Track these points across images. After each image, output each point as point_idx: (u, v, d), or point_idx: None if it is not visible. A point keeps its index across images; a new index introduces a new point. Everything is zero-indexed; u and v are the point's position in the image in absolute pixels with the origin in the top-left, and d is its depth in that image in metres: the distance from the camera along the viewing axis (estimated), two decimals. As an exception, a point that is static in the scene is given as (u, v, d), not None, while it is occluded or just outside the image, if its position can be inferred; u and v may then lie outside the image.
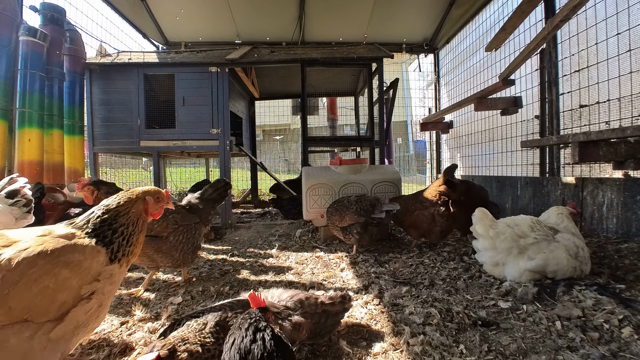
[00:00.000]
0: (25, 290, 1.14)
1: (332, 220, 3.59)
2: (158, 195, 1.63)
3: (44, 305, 1.18)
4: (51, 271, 1.19)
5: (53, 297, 1.19)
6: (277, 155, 13.95)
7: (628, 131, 2.66)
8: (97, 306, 1.35)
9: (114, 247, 1.41)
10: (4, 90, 3.69)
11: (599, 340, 1.65)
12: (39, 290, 1.16)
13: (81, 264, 1.28)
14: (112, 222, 1.43)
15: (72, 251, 1.27)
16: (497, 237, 2.46)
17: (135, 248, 1.49)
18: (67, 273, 1.23)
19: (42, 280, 1.17)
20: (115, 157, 6.92)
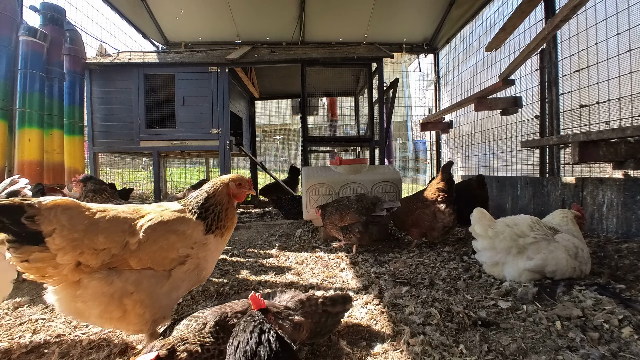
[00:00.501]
0: (149, 246, 1.58)
1: (331, 219, 3.59)
2: (240, 181, 1.94)
3: (160, 259, 1.62)
4: (165, 235, 1.63)
5: (165, 254, 1.63)
6: (277, 155, 13.95)
7: (628, 131, 2.66)
8: (194, 266, 1.72)
9: (208, 221, 1.78)
10: (4, 90, 3.69)
11: (599, 340, 1.65)
12: (157, 247, 1.60)
13: (184, 233, 1.69)
14: (205, 202, 1.82)
15: (180, 223, 1.71)
16: (496, 237, 2.46)
17: (226, 222, 1.85)
18: (175, 238, 1.66)
19: (159, 241, 1.61)
20: (115, 157, 6.92)
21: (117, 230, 1.55)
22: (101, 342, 1.83)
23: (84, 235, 1.46)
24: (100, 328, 2.00)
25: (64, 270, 1.46)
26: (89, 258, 1.47)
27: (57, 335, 1.93)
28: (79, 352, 1.73)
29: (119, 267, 1.55)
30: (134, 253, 1.55)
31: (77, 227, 1.46)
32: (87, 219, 1.51)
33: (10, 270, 1.80)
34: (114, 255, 1.52)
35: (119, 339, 1.87)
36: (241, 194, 1.95)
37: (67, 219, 1.44)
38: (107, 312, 1.53)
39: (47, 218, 1.40)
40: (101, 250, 1.50)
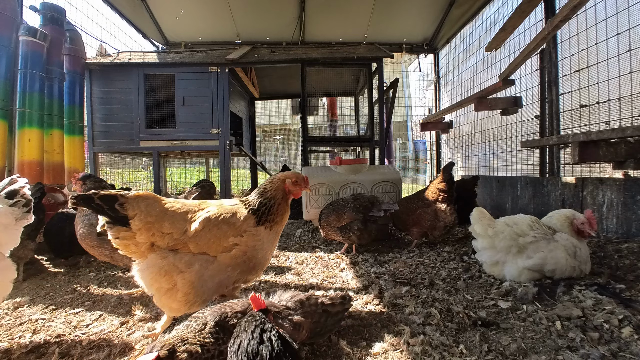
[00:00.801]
0: (205, 234, 1.84)
1: (329, 221, 3.58)
2: (295, 179, 2.08)
3: (213, 246, 1.86)
4: (218, 225, 1.88)
5: (218, 242, 1.87)
6: (277, 155, 13.95)
7: (628, 131, 2.66)
8: (242, 253, 1.91)
9: (258, 214, 1.98)
10: (4, 90, 3.69)
11: (599, 340, 1.65)
12: (211, 235, 1.85)
13: (235, 224, 1.92)
14: (260, 197, 2.04)
15: (232, 215, 1.95)
16: (495, 236, 2.46)
17: (275, 217, 2.02)
18: (227, 228, 1.90)
19: (213, 230, 1.86)
20: (115, 157, 6.92)
21: (180, 218, 1.88)
22: (101, 342, 1.83)
23: (155, 220, 1.82)
24: (100, 328, 2.00)
25: (142, 247, 1.83)
26: (158, 239, 1.82)
27: (57, 335, 1.93)
28: (79, 352, 1.73)
29: (181, 249, 1.84)
30: (192, 238, 1.83)
31: (151, 213, 1.83)
32: (159, 207, 1.87)
33: (10, 269, 1.80)
34: (176, 239, 1.83)
35: (119, 339, 1.87)
36: (297, 190, 2.09)
37: (145, 206, 1.83)
38: (157, 282, 1.82)
39: (131, 205, 1.81)
40: (167, 234, 1.83)
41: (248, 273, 2.01)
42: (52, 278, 2.98)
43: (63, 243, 3.19)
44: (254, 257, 1.97)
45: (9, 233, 1.77)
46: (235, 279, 1.96)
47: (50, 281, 2.90)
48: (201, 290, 1.84)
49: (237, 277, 1.96)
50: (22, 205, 1.80)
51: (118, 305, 2.33)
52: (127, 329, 1.98)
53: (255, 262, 1.99)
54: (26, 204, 1.82)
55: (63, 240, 3.16)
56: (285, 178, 2.09)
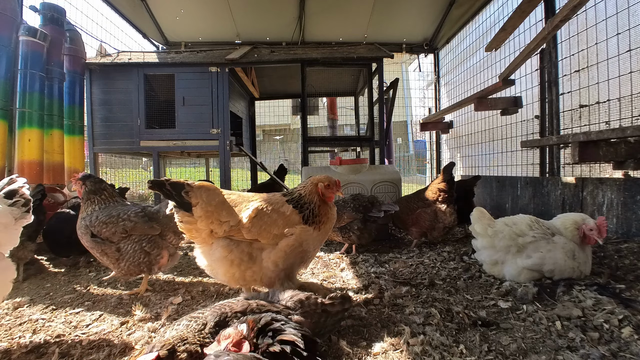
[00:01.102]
0: (257, 221, 2.01)
1: None
2: (328, 182, 2.13)
3: (265, 233, 2.01)
4: (269, 214, 2.04)
5: (270, 229, 2.01)
6: (277, 155, 13.95)
7: (628, 131, 2.66)
8: (298, 244, 2.02)
9: (304, 215, 2.08)
10: (4, 90, 3.69)
11: (599, 340, 1.65)
12: (263, 222, 2.01)
13: (284, 214, 2.06)
14: (299, 199, 2.12)
15: (281, 205, 2.10)
16: (495, 236, 2.46)
17: (321, 218, 2.11)
18: (276, 216, 2.04)
19: (264, 218, 2.02)
20: (115, 157, 6.92)
21: (235, 208, 2.06)
22: (101, 342, 1.83)
23: (214, 209, 2.01)
24: (100, 328, 2.00)
25: (202, 234, 2.03)
26: (216, 227, 2.01)
27: (57, 335, 1.93)
28: (79, 352, 1.73)
29: (236, 236, 2.02)
30: (246, 226, 2.00)
31: (211, 203, 2.02)
32: (218, 198, 2.08)
33: (10, 269, 1.80)
34: (232, 227, 2.01)
35: (119, 339, 1.87)
36: (329, 194, 2.14)
37: (206, 196, 2.02)
38: (229, 273, 2.04)
39: (195, 194, 2.01)
40: (224, 222, 2.01)
41: (299, 266, 2.15)
42: (52, 278, 2.98)
43: (62, 243, 3.19)
44: (307, 250, 2.09)
45: (8, 233, 1.77)
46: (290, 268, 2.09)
47: (50, 281, 2.90)
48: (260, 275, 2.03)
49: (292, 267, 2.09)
50: (21, 205, 1.80)
51: (118, 305, 2.33)
52: (127, 329, 1.98)
53: (308, 256, 2.14)
54: (25, 204, 1.81)
55: (62, 240, 3.16)
56: (317, 182, 2.14)
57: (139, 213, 2.50)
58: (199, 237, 2.05)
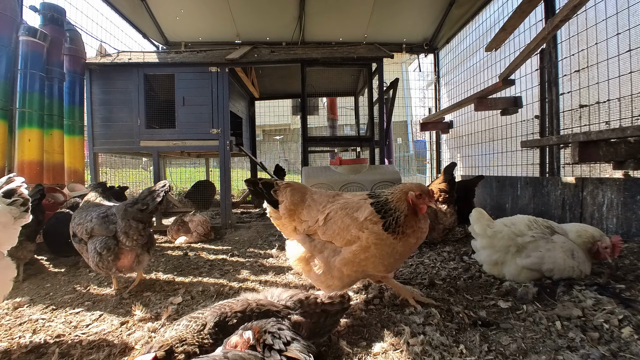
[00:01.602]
0: (331, 224, 2.05)
1: None
2: (419, 192, 2.00)
3: (338, 237, 2.02)
4: (342, 218, 2.03)
5: (342, 234, 2.01)
6: (277, 155, 13.94)
7: (628, 131, 2.66)
8: (363, 251, 1.96)
9: (387, 222, 1.97)
10: (4, 90, 3.69)
11: (599, 340, 1.65)
12: (336, 226, 2.03)
13: (357, 220, 2.00)
14: (384, 205, 2.02)
15: (356, 210, 2.05)
16: (494, 236, 2.47)
17: (405, 229, 1.97)
18: (349, 222, 2.01)
19: (337, 222, 2.04)
20: (115, 157, 6.92)
21: (314, 208, 2.14)
22: (101, 342, 1.83)
23: (295, 208, 2.17)
24: (100, 328, 2.00)
25: (288, 229, 2.23)
26: (297, 224, 2.17)
27: (57, 335, 1.93)
28: (79, 352, 1.73)
29: (314, 236, 2.12)
30: (321, 228, 2.07)
31: (293, 202, 2.18)
32: (300, 197, 2.19)
33: (9, 268, 1.80)
34: (310, 227, 2.11)
35: (119, 339, 1.87)
36: (420, 204, 2.01)
37: (290, 195, 2.18)
38: (299, 264, 2.13)
39: (281, 192, 2.20)
40: (304, 221, 2.13)
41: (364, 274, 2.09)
42: (52, 278, 2.98)
43: (61, 243, 3.20)
44: (373, 262, 1.98)
45: (7, 232, 1.77)
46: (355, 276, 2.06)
47: (50, 281, 2.90)
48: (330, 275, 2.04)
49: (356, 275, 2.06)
50: (20, 204, 1.79)
51: (118, 305, 2.33)
52: (127, 329, 1.98)
53: (375, 267, 2.02)
54: (24, 203, 1.81)
55: (61, 240, 3.17)
56: (408, 190, 2.02)
57: (101, 215, 2.50)
58: (286, 231, 2.26)
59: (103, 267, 2.43)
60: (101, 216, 2.49)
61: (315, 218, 2.09)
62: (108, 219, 2.46)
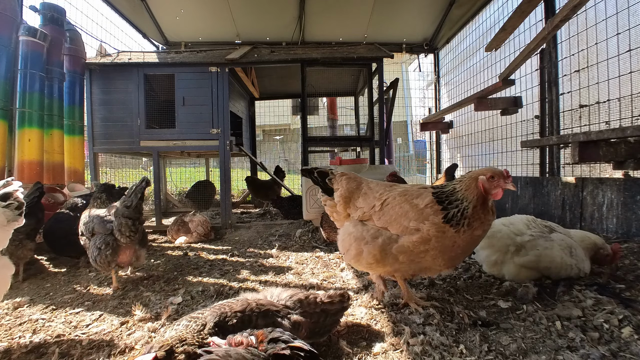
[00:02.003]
0: (388, 210, 2.01)
1: (330, 222, 3.58)
2: (491, 174, 1.80)
3: (395, 223, 1.96)
4: (400, 204, 1.97)
5: (400, 220, 1.95)
6: (277, 155, 13.94)
7: (628, 131, 2.66)
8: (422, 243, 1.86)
9: (449, 214, 1.84)
10: (4, 90, 3.69)
11: (599, 340, 1.65)
12: (394, 212, 1.98)
13: (417, 206, 1.92)
14: (450, 195, 1.89)
15: (416, 197, 1.97)
16: (493, 236, 2.46)
17: (472, 221, 1.81)
18: (408, 208, 1.94)
19: (395, 207, 1.99)
20: (115, 157, 6.91)
21: (370, 195, 2.12)
22: (101, 342, 1.83)
23: (350, 195, 2.19)
24: (100, 328, 2.00)
25: (341, 216, 2.25)
26: (352, 211, 2.17)
27: (57, 335, 1.93)
28: (79, 352, 1.73)
29: (369, 222, 2.07)
30: (377, 213, 2.03)
31: (349, 189, 2.20)
32: (356, 185, 2.21)
33: (7, 265, 1.81)
34: (365, 213, 2.09)
35: (119, 339, 1.87)
36: (494, 189, 1.78)
37: (345, 184, 2.21)
38: (347, 247, 2.12)
39: (336, 181, 2.25)
40: (359, 208, 2.12)
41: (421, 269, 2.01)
42: (52, 278, 2.98)
43: (61, 243, 3.20)
44: (434, 255, 1.89)
45: (1, 233, 1.78)
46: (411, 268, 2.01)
47: (50, 281, 2.90)
48: (383, 263, 2.00)
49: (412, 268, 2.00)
50: (15, 207, 1.81)
51: (118, 305, 2.33)
52: (127, 329, 1.98)
53: (434, 261, 1.92)
54: (18, 207, 1.83)
55: (61, 239, 3.17)
56: (477, 175, 1.83)
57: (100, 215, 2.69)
58: (339, 219, 2.28)
59: (101, 261, 2.55)
60: (101, 216, 2.67)
61: (372, 204, 2.07)
62: (105, 218, 2.65)
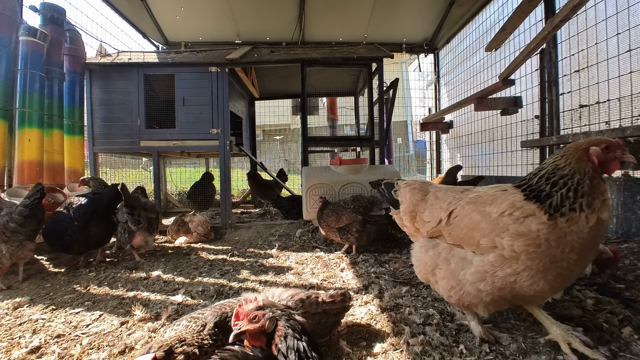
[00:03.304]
0: (456, 223, 1.65)
1: (328, 222, 3.58)
2: (606, 144, 1.43)
3: (468, 238, 1.58)
4: (469, 215, 1.61)
5: (471, 234, 1.57)
6: (277, 155, 13.93)
7: (628, 131, 2.67)
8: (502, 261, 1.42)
9: (552, 201, 1.39)
10: (4, 90, 3.69)
11: (599, 340, 1.65)
12: (463, 225, 1.62)
13: (490, 215, 1.52)
14: (551, 176, 1.46)
15: (488, 204, 1.57)
16: None
17: (592, 200, 1.36)
18: (478, 218, 1.56)
19: (464, 220, 1.62)
20: (115, 157, 6.91)
21: (437, 206, 1.81)
22: (101, 342, 1.83)
23: (415, 209, 1.95)
24: (100, 328, 2.00)
25: (410, 230, 2.00)
26: (420, 226, 1.90)
27: (57, 335, 1.93)
28: (79, 352, 1.73)
29: (440, 239, 1.77)
30: (445, 228, 1.71)
31: (412, 202, 1.97)
32: (421, 196, 1.95)
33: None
34: (432, 228, 1.79)
35: (119, 339, 1.87)
36: (611, 161, 1.43)
37: (409, 195, 2.01)
38: (423, 274, 1.83)
39: (400, 193, 2.08)
40: (426, 222, 1.83)
41: (523, 291, 1.42)
42: (52, 278, 2.98)
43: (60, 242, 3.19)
44: (531, 270, 1.36)
45: None
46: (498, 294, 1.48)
47: (50, 281, 2.90)
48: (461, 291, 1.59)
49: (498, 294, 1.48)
50: None
51: (118, 305, 2.33)
52: (127, 329, 1.98)
53: (536, 278, 1.38)
54: None
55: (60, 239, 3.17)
56: (587, 145, 1.45)
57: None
58: (409, 232, 2.06)
59: (123, 242, 3.45)
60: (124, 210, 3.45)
61: (438, 217, 1.75)
62: (124, 211, 3.43)
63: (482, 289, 1.50)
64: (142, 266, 3.27)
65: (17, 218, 2.67)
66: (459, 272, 1.58)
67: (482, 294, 1.52)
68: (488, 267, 1.47)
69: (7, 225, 2.65)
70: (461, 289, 1.58)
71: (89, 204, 3.24)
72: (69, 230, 3.09)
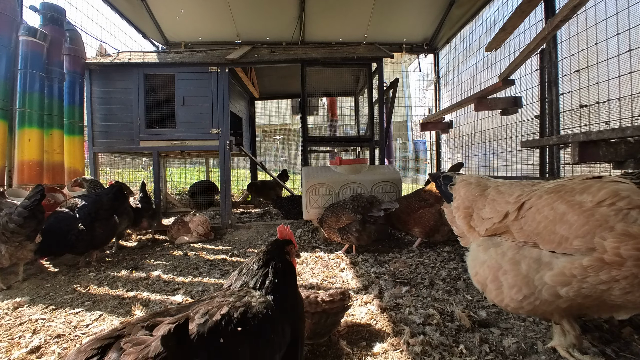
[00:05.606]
0: (531, 215, 1.41)
1: (328, 222, 3.59)
2: None
3: (545, 232, 1.32)
4: (551, 204, 1.35)
5: (552, 227, 1.30)
6: (277, 155, 13.94)
7: (628, 131, 2.66)
8: (600, 266, 1.12)
9: None
10: (4, 90, 3.69)
11: (599, 340, 1.65)
12: (540, 217, 1.37)
13: (583, 205, 1.23)
14: None
15: (580, 192, 1.28)
16: None
17: None
18: (564, 208, 1.28)
19: (543, 210, 1.37)
20: (115, 157, 6.92)
21: (501, 201, 1.62)
22: (101, 342, 1.82)
23: (471, 205, 1.81)
24: (100, 328, 2.00)
25: (461, 228, 1.88)
26: (477, 225, 1.75)
27: (57, 335, 1.92)
28: (79, 352, 1.73)
29: (504, 235, 1.55)
30: (515, 223, 1.47)
31: (468, 198, 1.84)
32: (479, 192, 1.81)
33: None
34: (494, 224, 1.60)
35: (119, 339, 1.86)
36: None
37: (464, 191, 1.90)
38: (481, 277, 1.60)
39: (455, 188, 1.98)
40: (486, 219, 1.66)
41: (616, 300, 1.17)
42: (52, 278, 2.98)
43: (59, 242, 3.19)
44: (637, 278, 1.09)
45: None
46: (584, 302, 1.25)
47: (50, 281, 2.90)
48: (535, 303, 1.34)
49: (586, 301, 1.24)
50: None
51: (118, 305, 2.33)
52: (127, 329, 1.98)
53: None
54: None
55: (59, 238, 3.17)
56: None
57: None
58: (458, 232, 1.95)
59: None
60: None
61: (504, 212, 1.53)
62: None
63: (562, 295, 1.25)
64: (142, 266, 3.27)
65: (16, 219, 2.67)
66: (534, 275, 1.32)
67: (560, 300, 1.27)
68: (578, 272, 1.19)
69: (7, 226, 2.65)
70: (537, 298, 1.31)
71: (93, 204, 3.26)
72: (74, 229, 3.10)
